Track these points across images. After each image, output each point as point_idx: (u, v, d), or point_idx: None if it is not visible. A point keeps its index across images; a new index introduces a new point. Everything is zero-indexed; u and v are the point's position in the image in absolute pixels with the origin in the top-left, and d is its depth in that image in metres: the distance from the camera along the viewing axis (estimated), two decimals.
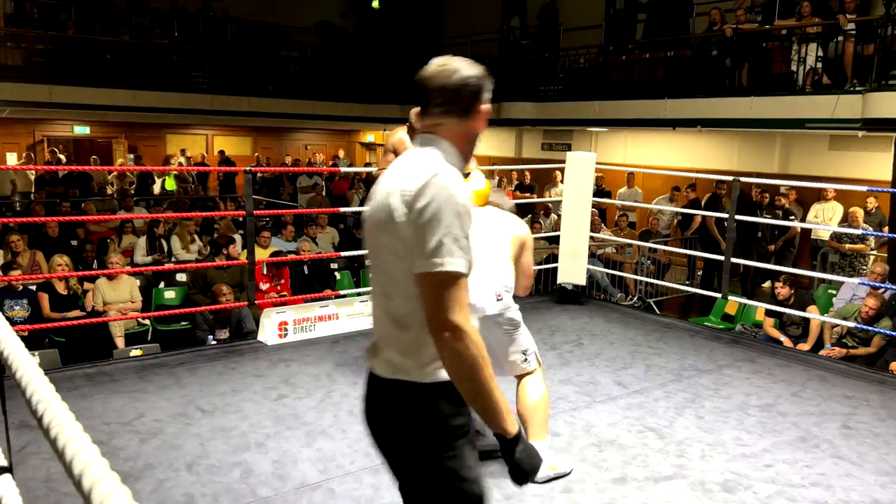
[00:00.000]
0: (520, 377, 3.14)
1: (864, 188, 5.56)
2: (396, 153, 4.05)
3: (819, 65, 8.84)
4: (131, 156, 16.23)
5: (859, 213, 8.51)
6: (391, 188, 1.57)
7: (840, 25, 8.45)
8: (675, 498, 2.84)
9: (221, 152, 15.76)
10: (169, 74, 13.59)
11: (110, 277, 6.59)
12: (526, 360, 3.13)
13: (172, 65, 13.80)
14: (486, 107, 1.67)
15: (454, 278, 1.47)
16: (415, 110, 1.75)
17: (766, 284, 8.72)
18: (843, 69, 8.58)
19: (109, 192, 12.91)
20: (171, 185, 14.57)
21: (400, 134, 4.12)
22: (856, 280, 5.83)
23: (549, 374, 4.19)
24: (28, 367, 1.18)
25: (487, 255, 3.08)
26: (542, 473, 2.94)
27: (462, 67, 1.65)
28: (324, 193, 13.05)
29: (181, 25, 14.37)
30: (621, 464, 3.11)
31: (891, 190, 7.16)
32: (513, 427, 1.61)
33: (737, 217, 5.20)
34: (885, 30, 7.88)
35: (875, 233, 7.36)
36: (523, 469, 1.67)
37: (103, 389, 3.78)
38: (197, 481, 2.84)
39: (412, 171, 1.56)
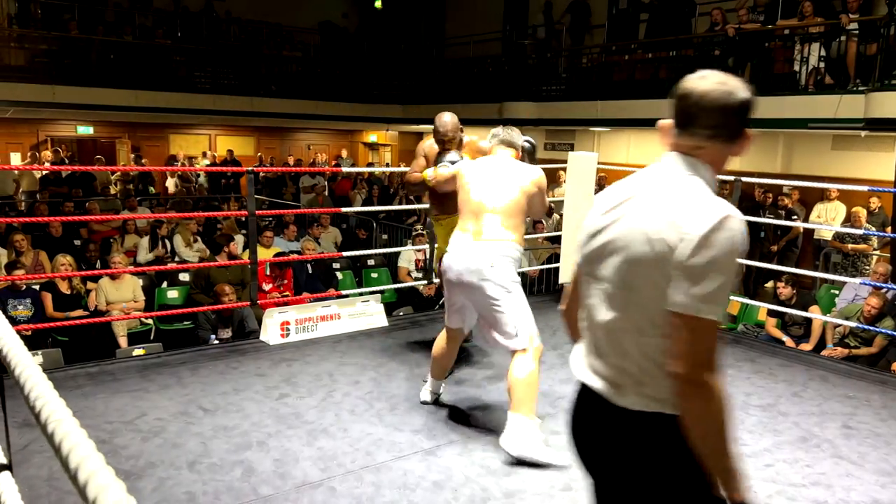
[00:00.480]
0: (512, 354, 3.17)
1: (866, 188, 5.55)
2: (427, 160, 4.22)
3: (822, 65, 8.83)
4: (145, 160, 16.26)
5: (862, 212, 8.50)
6: (658, 221, 1.46)
7: (843, 25, 8.44)
8: None
9: (230, 152, 15.80)
10: (172, 74, 13.63)
11: (113, 277, 6.61)
12: (516, 337, 3.15)
13: (175, 65, 13.84)
14: (751, 131, 1.53)
15: (714, 326, 1.41)
16: (665, 123, 1.60)
17: (769, 284, 8.70)
18: (846, 69, 8.57)
19: (113, 192, 12.94)
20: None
21: (430, 142, 4.25)
22: (857, 280, 5.82)
23: (550, 374, 4.20)
24: (27, 366, 1.19)
25: (489, 218, 3.26)
26: (520, 452, 3.04)
27: (739, 88, 1.50)
28: (326, 193, 13.06)
29: (184, 26, 14.41)
30: None
31: (893, 190, 7.16)
32: (747, 495, 1.49)
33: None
34: (888, 29, 7.87)
35: (877, 233, 7.35)
36: None
37: (105, 388, 3.79)
38: (198, 480, 2.86)
39: (688, 207, 1.44)
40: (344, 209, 7.66)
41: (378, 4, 17.48)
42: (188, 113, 14.14)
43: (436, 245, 4.69)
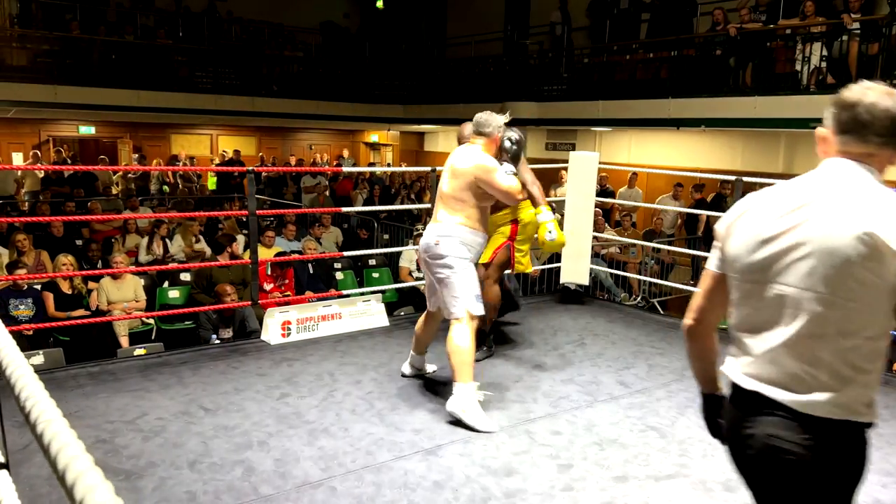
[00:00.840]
0: (450, 322, 3.56)
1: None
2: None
3: (823, 64, 8.82)
4: (156, 160, 16.21)
5: None
6: (867, 224, 1.46)
7: (844, 25, 8.43)
8: (677, 497, 2.84)
9: (237, 152, 15.81)
10: (173, 75, 13.65)
11: (114, 277, 6.62)
12: (454, 307, 3.52)
13: (177, 65, 13.86)
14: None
15: None
16: (823, 131, 1.65)
17: None
18: (848, 69, 8.56)
19: (115, 191, 12.96)
20: (212, 184, 14.68)
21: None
22: None
23: (551, 374, 4.21)
24: (18, 366, 1.19)
25: (440, 203, 3.65)
26: (454, 409, 3.41)
27: None
28: (327, 193, 13.06)
29: (186, 26, 14.42)
30: (623, 462, 3.11)
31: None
32: None
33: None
34: (890, 29, 7.87)
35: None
36: None
37: (107, 388, 3.80)
38: (199, 479, 2.86)
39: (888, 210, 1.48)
40: (345, 209, 7.67)
41: (379, 4, 17.47)
42: (190, 113, 14.16)
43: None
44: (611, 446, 3.27)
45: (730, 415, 1.74)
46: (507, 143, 3.82)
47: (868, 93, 1.55)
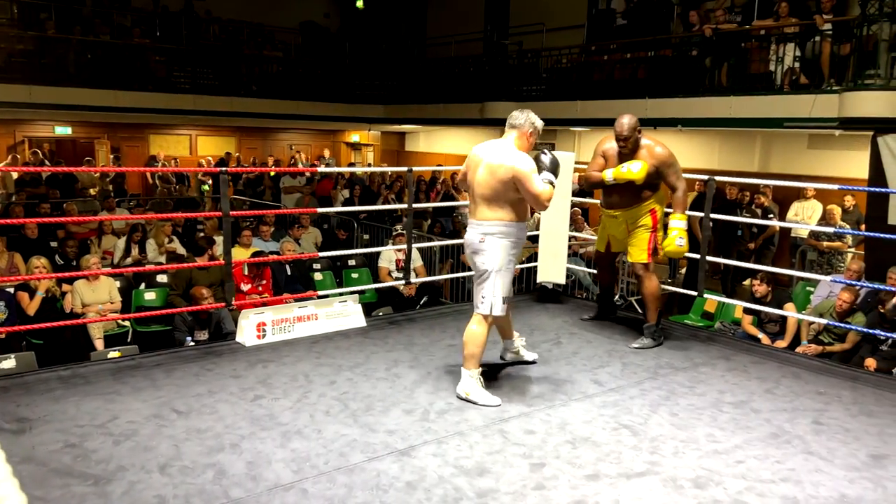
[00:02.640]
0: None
1: (837, 187, 5.61)
2: (606, 159, 4.84)
3: (797, 64, 8.93)
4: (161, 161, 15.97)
5: (836, 211, 8.60)
6: None
7: (817, 26, 8.54)
8: (647, 494, 2.86)
9: (228, 154, 15.68)
10: (151, 75, 13.52)
11: (89, 278, 6.55)
12: (480, 304, 3.77)
13: (155, 65, 13.73)
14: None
15: None
16: None
17: (746, 282, 8.78)
18: (821, 69, 8.67)
19: (91, 192, 12.82)
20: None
21: (611, 143, 4.80)
22: (828, 278, 5.90)
23: (526, 373, 4.23)
24: None
25: (479, 199, 3.77)
26: (459, 392, 3.76)
27: None
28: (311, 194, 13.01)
29: (163, 25, 14.30)
30: (595, 461, 3.13)
31: (867, 188, 7.25)
32: None
33: (712, 216, 5.24)
34: (861, 30, 7.97)
35: (849, 231, 7.44)
36: None
37: (77, 391, 3.76)
38: (169, 483, 2.84)
39: None
40: (322, 209, 7.63)
41: (360, 4, 17.43)
42: (168, 113, 14.04)
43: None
44: (583, 445, 3.29)
45: None
46: (544, 157, 3.86)
47: None
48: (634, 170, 4.59)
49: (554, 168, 3.83)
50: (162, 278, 7.22)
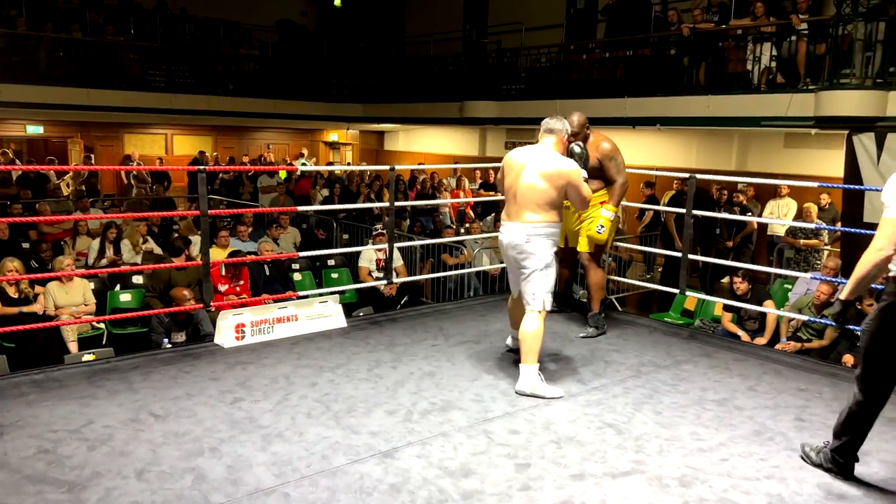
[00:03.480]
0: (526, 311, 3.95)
1: (816, 184, 5.67)
2: None
3: (773, 64, 9.02)
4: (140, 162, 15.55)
5: (813, 209, 8.70)
6: None
7: (793, 25, 8.63)
8: (633, 493, 2.85)
9: (202, 153, 15.48)
10: (125, 73, 13.31)
11: (62, 280, 6.42)
12: (531, 301, 3.93)
13: (128, 63, 13.52)
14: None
15: None
16: None
17: (725, 280, 8.85)
18: (797, 68, 8.76)
19: (65, 192, 12.59)
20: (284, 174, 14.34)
21: None
22: (808, 275, 5.95)
23: (509, 372, 4.20)
24: None
25: (522, 202, 3.94)
26: (524, 388, 3.84)
27: None
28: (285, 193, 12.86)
29: (137, 23, 14.08)
30: (580, 460, 3.11)
31: (842, 186, 7.34)
32: None
33: (693, 212, 5.25)
34: (836, 30, 8.06)
35: (826, 227, 7.52)
36: None
37: (51, 396, 3.66)
38: (147, 489, 2.77)
39: None
40: (302, 208, 7.54)
41: (337, 2, 17.33)
42: (142, 112, 13.85)
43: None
44: (568, 444, 3.27)
45: None
46: (578, 149, 4.25)
47: None
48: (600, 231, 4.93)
49: (585, 162, 4.25)
50: (138, 279, 7.09)
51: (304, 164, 16.27)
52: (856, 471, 3.04)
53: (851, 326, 5.20)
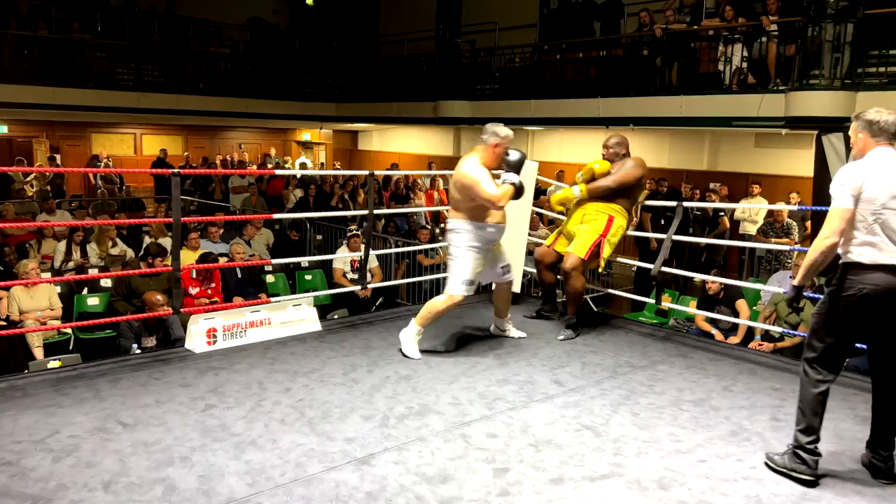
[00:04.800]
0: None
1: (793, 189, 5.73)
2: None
3: (744, 65, 9.11)
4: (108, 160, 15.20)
5: (784, 210, 8.78)
6: None
7: (763, 26, 8.72)
8: (612, 497, 2.83)
9: (163, 151, 15.22)
10: (91, 71, 13.03)
11: (27, 284, 6.24)
12: (448, 283, 4.41)
13: (96, 61, 13.23)
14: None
15: None
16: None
17: (698, 279, 8.92)
18: (768, 69, 8.86)
19: (29, 193, 12.30)
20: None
21: None
22: (786, 273, 6.00)
23: (487, 375, 4.17)
24: None
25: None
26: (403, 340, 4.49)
27: None
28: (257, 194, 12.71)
29: (104, 20, 13.80)
30: (558, 464, 3.09)
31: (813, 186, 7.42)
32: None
33: (658, 203, 5.27)
34: (806, 31, 8.16)
35: (803, 208, 7.59)
36: None
37: (14, 405, 3.54)
38: (115, 501, 2.68)
39: None
40: (275, 215, 7.44)
41: (309, 1, 17.17)
42: (110, 111, 13.58)
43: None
44: (546, 447, 3.24)
45: (882, 279, 2.81)
46: (509, 155, 4.37)
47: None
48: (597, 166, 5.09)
49: (517, 165, 4.34)
50: (106, 283, 6.93)
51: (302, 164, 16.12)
52: (831, 469, 3.05)
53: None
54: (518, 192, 4.32)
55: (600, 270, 5.44)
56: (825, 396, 2.97)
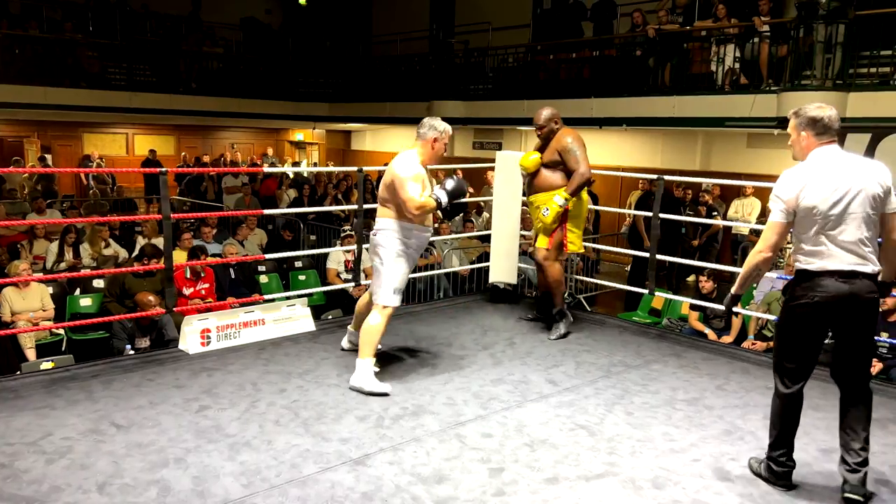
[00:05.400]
0: (374, 306, 3.96)
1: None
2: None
3: (737, 65, 9.14)
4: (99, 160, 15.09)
5: None
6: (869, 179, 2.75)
7: (755, 27, 8.76)
8: (607, 496, 2.84)
9: (152, 151, 15.16)
10: (83, 71, 12.97)
11: (18, 285, 6.21)
12: (378, 294, 3.93)
13: (88, 60, 13.17)
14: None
15: None
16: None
17: (691, 279, 8.95)
18: (759, 69, 8.90)
19: (18, 193, 12.21)
20: None
21: None
22: (774, 274, 6.03)
23: (481, 374, 4.17)
24: None
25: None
26: (354, 383, 3.86)
27: None
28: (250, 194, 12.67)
29: (96, 19, 13.74)
30: (553, 463, 3.09)
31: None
32: None
33: (661, 216, 5.28)
34: (797, 32, 8.20)
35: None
36: None
37: (7, 407, 3.52)
38: (109, 503, 2.67)
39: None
40: (268, 211, 7.42)
41: (302, 1, 17.13)
42: (102, 111, 13.52)
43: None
44: (541, 447, 3.25)
45: (832, 286, 2.74)
46: (447, 182, 3.98)
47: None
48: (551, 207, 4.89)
49: (453, 193, 3.94)
50: (98, 283, 6.90)
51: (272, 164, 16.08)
52: (824, 468, 3.07)
53: None
54: (443, 212, 4.04)
55: (574, 251, 5.24)
56: (794, 407, 2.89)
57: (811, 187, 2.75)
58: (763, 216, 9.18)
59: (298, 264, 8.23)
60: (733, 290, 3.05)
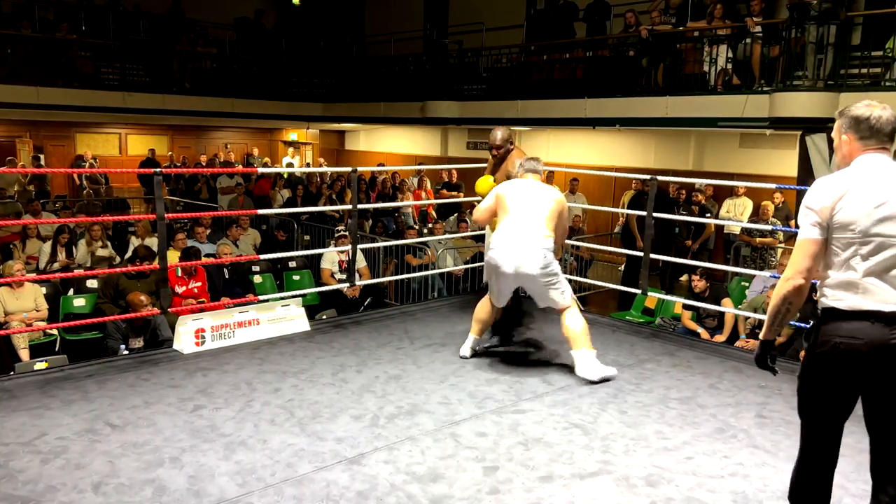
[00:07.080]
0: (561, 311, 4.26)
1: (772, 185, 5.79)
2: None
3: (729, 66, 9.18)
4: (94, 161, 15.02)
5: (770, 207, 8.89)
6: None
7: (748, 28, 8.80)
8: (601, 494, 2.86)
9: (152, 151, 15.10)
10: (76, 70, 12.92)
11: (12, 285, 6.19)
12: (561, 300, 4.25)
13: (80, 60, 13.12)
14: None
15: None
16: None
17: (684, 278, 8.99)
18: (752, 70, 8.94)
19: (10, 193, 12.17)
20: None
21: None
22: (766, 273, 6.07)
23: (476, 374, 4.19)
24: None
25: (527, 222, 4.20)
26: (595, 375, 4.10)
27: None
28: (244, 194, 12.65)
29: (89, 19, 13.69)
30: (548, 461, 3.11)
31: (797, 187, 7.49)
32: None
33: (655, 215, 5.30)
34: (789, 32, 8.24)
35: (782, 228, 7.68)
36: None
37: (1, 407, 3.52)
38: (105, 502, 2.67)
39: None
40: (262, 211, 7.42)
41: (296, 1, 17.11)
42: (95, 111, 13.45)
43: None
44: (536, 446, 3.27)
45: (867, 331, 2.12)
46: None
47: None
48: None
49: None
50: (92, 283, 6.88)
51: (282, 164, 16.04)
52: None
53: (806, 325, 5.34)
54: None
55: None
56: (824, 482, 2.36)
57: (852, 197, 2.17)
58: (755, 215, 9.23)
59: (292, 264, 8.23)
60: (762, 335, 2.40)
